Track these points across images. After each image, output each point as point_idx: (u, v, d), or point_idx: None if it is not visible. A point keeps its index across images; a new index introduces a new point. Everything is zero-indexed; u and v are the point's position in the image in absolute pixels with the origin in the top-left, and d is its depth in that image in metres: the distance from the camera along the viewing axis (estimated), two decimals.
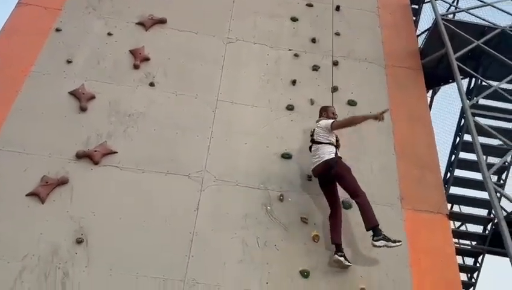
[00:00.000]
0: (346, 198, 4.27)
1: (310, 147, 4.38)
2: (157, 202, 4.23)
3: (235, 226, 4.16)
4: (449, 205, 7.10)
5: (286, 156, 4.70)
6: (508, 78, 5.69)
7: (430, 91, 7.94)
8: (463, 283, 7.17)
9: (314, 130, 4.35)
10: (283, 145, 4.80)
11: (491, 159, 6.41)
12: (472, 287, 7.08)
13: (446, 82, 6.99)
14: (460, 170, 6.94)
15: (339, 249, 3.94)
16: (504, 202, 5.31)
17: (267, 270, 3.94)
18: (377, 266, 4.09)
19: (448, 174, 6.89)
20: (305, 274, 3.94)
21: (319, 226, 4.26)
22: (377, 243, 3.78)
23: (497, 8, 6.43)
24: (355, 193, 4.01)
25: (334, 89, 5.18)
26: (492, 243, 6.18)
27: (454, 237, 7.00)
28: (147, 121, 4.77)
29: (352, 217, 4.29)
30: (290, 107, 5.10)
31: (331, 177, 4.10)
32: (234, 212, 4.26)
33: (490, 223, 6.38)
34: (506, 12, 6.42)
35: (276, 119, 5.00)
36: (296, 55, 5.62)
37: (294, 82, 5.32)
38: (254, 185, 4.45)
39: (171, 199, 4.27)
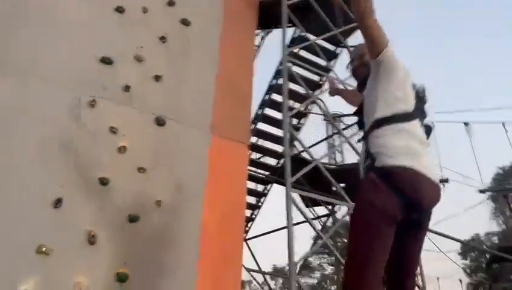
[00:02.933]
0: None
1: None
2: None
3: None
4: (255, 138, 7.97)
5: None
6: (325, 36, 6.42)
7: (265, 31, 8.43)
8: (251, 204, 8.34)
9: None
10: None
11: (297, 105, 7.32)
12: (258, 209, 8.25)
13: (277, 26, 7.51)
14: (271, 110, 7.76)
15: None
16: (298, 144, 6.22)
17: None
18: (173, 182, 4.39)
19: (260, 111, 7.63)
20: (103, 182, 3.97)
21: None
22: None
23: None
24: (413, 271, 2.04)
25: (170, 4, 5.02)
26: (281, 175, 7.24)
27: (253, 166, 7.96)
28: None
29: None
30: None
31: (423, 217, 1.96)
32: None
33: (282, 158, 7.40)
34: None
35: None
36: None
37: None
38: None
39: None
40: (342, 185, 6.67)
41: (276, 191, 8.24)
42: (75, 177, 3.88)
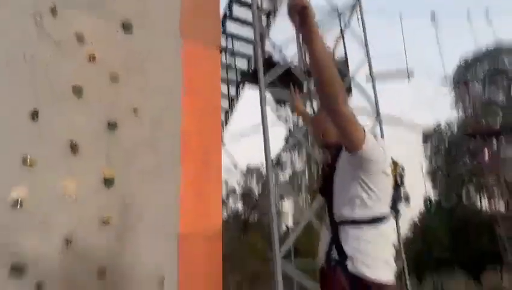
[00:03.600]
0: None
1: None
2: None
3: None
4: (225, 41, 7.83)
5: None
6: None
7: None
8: (225, 109, 8.49)
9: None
10: None
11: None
12: (231, 110, 8.43)
13: None
14: (240, 8, 7.52)
15: None
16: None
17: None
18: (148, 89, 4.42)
19: (228, 12, 7.40)
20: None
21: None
22: None
23: None
24: None
25: None
26: (254, 79, 7.31)
27: (225, 70, 7.93)
28: None
29: None
30: None
31: None
32: None
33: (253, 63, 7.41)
34: None
35: None
36: None
37: None
38: None
39: None
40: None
41: (248, 95, 8.36)
42: (48, 89, 3.85)
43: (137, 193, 4.07)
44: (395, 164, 1.91)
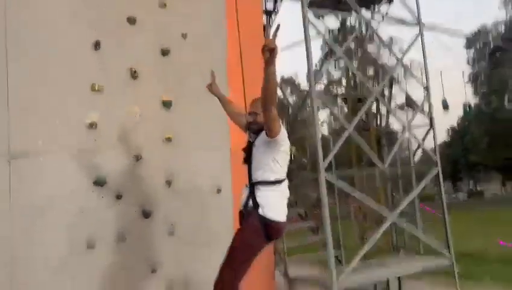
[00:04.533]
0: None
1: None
2: None
3: None
4: None
5: None
6: None
7: None
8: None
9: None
10: None
11: None
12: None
13: None
14: None
15: None
16: None
17: None
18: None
19: None
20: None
21: None
22: None
23: None
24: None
25: None
26: None
27: None
28: None
29: None
30: None
31: None
32: None
33: None
34: None
35: None
36: None
37: None
38: None
39: None
40: None
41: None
42: (106, 21, 4.14)
43: (192, 112, 4.47)
44: (291, 148, 2.90)
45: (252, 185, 2.71)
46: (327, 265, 4.67)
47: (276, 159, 2.67)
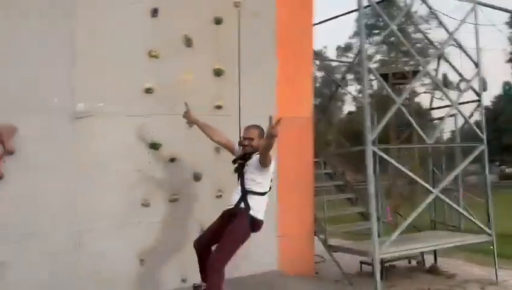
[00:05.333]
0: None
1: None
2: None
3: None
4: None
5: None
6: None
7: None
8: None
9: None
10: None
11: None
12: None
13: None
14: None
15: None
16: None
17: None
18: None
19: None
20: None
21: None
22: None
23: None
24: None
25: None
26: None
27: None
28: None
29: None
30: None
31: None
32: None
33: None
34: None
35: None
36: None
37: None
38: None
39: None
40: None
41: None
42: None
43: (242, 81, 4.54)
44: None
45: (245, 192, 3.48)
46: (370, 236, 4.80)
47: (265, 178, 3.50)
